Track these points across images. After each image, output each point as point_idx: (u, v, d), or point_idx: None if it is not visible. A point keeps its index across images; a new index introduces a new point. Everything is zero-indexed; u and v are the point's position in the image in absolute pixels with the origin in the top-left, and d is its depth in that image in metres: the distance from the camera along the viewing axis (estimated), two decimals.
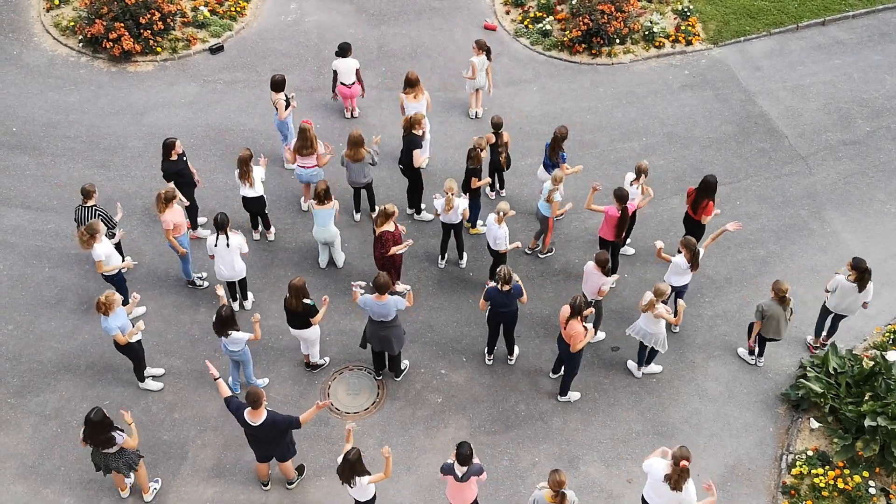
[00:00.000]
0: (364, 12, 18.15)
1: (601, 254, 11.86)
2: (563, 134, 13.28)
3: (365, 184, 13.77)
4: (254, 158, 13.31)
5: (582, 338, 11.20)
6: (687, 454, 9.55)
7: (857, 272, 11.73)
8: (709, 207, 12.67)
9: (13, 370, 12.51)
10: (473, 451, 9.88)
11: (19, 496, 11.25)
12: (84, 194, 12.65)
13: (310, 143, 13.37)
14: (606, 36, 17.12)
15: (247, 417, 10.29)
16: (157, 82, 16.76)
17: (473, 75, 15.22)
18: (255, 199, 13.27)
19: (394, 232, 12.39)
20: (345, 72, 15.12)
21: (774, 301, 11.59)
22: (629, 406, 12.18)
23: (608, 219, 12.63)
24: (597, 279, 11.92)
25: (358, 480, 9.88)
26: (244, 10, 18.11)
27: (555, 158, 13.42)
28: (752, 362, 12.57)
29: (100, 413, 10.09)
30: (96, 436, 10.20)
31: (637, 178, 12.98)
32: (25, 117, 16.08)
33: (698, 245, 12.00)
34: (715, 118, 16.08)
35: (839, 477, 11.11)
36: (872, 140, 15.68)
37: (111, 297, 11.12)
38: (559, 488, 9.51)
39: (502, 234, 12.57)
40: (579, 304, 11.04)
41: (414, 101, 14.35)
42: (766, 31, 17.63)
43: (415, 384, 12.43)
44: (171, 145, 13.04)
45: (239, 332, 11.26)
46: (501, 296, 11.60)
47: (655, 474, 9.83)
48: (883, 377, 11.64)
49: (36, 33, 17.70)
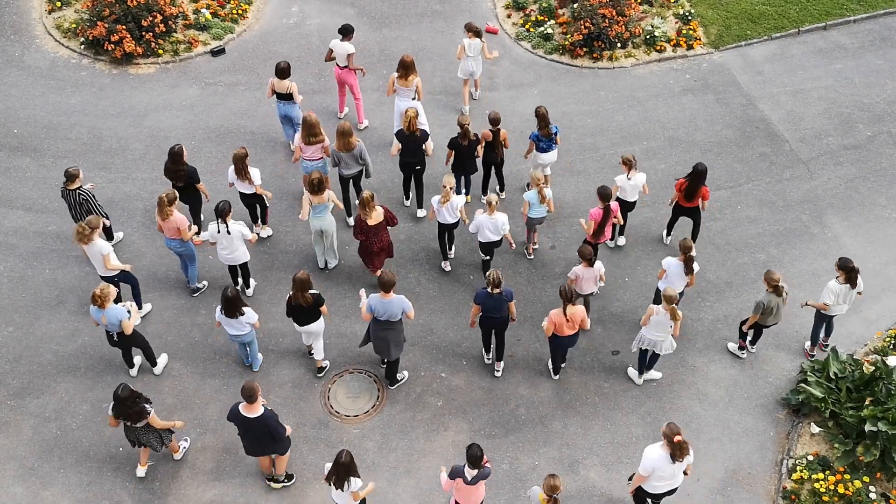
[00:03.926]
0: (366, 15, 18.16)
1: (583, 248, 12.00)
2: (542, 111, 13.46)
3: (356, 173, 13.68)
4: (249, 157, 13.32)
5: (585, 314, 11.48)
6: (676, 429, 9.69)
7: (846, 272, 11.74)
8: (706, 192, 12.97)
9: (13, 372, 12.50)
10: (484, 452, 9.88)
11: (19, 498, 11.24)
12: (68, 177, 12.72)
13: (318, 131, 13.40)
14: (608, 40, 17.13)
15: (241, 411, 10.37)
16: (158, 84, 16.77)
17: (459, 55, 15.31)
18: (253, 194, 13.34)
19: (385, 212, 12.55)
20: (340, 54, 15.09)
21: (771, 293, 11.64)
22: (629, 410, 12.17)
23: (595, 223, 12.68)
24: (589, 273, 12.04)
25: (352, 482, 9.84)
26: (246, 12, 18.12)
27: (547, 134, 13.53)
28: (743, 356, 12.61)
29: (127, 388, 10.38)
30: (127, 410, 10.46)
31: (629, 170, 13.14)
32: (27, 119, 16.09)
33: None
34: (716, 122, 16.08)
35: (840, 482, 11.09)
36: (873, 145, 15.67)
37: (106, 289, 11.25)
38: (553, 493, 9.55)
39: (502, 218, 12.67)
40: (568, 290, 11.28)
41: (404, 84, 14.37)
42: (768, 36, 17.63)
43: (415, 387, 12.42)
44: (181, 152, 13.01)
45: (250, 310, 11.50)
46: (492, 300, 11.56)
47: (660, 463, 9.87)
48: (884, 382, 11.63)
49: (38, 35, 17.72)
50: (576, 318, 11.44)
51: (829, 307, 11.95)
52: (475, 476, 9.88)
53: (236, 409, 10.46)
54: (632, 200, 13.48)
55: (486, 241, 12.91)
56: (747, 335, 12.45)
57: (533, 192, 12.94)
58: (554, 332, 11.61)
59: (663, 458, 9.83)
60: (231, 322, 11.50)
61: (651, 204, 14.59)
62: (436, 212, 12.96)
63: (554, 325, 11.50)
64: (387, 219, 12.66)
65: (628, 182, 13.20)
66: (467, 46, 15.27)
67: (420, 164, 13.86)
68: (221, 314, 11.49)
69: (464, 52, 15.29)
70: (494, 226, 12.70)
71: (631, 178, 13.18)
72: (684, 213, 13.39)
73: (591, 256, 11.96)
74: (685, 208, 13.27)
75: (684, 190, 13.00)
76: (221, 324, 11.61)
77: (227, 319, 11.49)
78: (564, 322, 11.43)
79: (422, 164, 13.86)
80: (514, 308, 11.83)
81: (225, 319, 11.50)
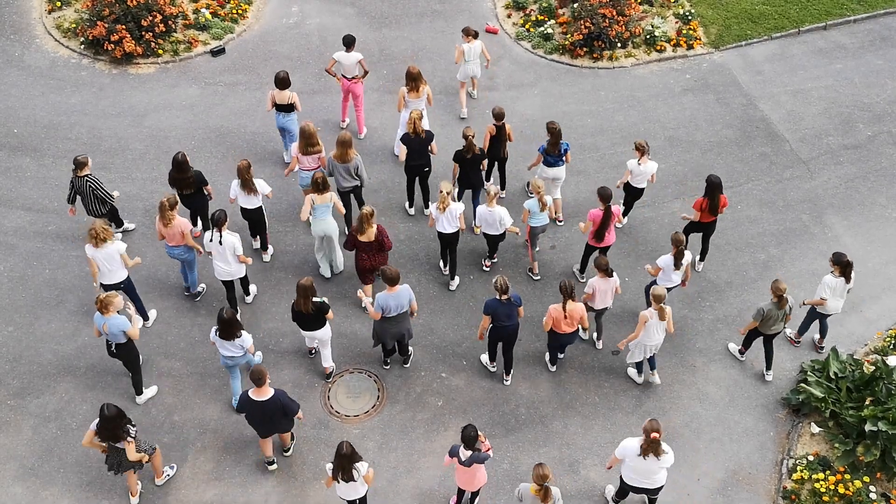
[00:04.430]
0: (366, 15, 18.16)
1: (600, 259, 11.86)
2: (557, 128, 13.31)
3: (352, 187, 13.47)
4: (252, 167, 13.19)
5: (584, 312, 11.51)
6: (657, 426, 9.78)
7: (841, 266, 11.77)
8: (725, 200, 12.85)
9: (13, 371, 12.50)
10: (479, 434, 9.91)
11: (19, 498, 11.24)
12: (77, 164, 12.71)
13: (315, 141, 13.31)
14: (608, 40, 17.13)
15: (252, 396, 10.43)
16: (158, 84, 16.76)
17: (457, 59, 15.25)
18: (255, 209, 13.13)
19: (379, 233, 12.30)
20: (348, 66, 14.98)
21: (774, 303, 11.60)
22: (629, 410, 12.17)
23: (595, 224, 12.61)
24: (606, 285, 11.92)
25: (360, 467, 9.84)
26: (246, 12, 18.11)
27: (556, 151, 13.40)
28: (742, 359, 12.60)
29: (113, 407, 10.12)
30: (113, 430, 10.17)
31: (642, 155, 13.10)
32: (27, 119, 16.09)
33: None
34: (716, 122, 16.08)
35: (840, 482, 11.09)
36: (873, 144, 15.67)
37: (112, 296, 11.15)
38: (542, 482, 9.56)
39: (500, 212, 12.61)
40: (568, 286, 11.26)
41: (415, 96, 14.31)
42: (768, 36, 17.63)
43: (415, 387, 12.42)
44: (185, 160, 12.88)
45: (246, 334, 11.29)
46: (503, 307, 11.48)
47: (630, 452, 10.02)
48: (884, 382, 11.63)
49: (38, 35, 17.71)
50: (575, 314, 11.42)
51: (825, 302, 11.95)
52: (469, 458, 9.89)
53: (246, 396, 10.52)
54: (640, 187, 13.46)
55: (486, 232, 12.89)
56: (751, 343, 12.33)
57: (533, 201, 12.80)
58: (552, 327, 11.59)
59: (635, 450, 9.97)
60: (225, 344, 11.24)
61: (651, 204, 14.59)
62: (434, 219, 12.80)
63: (553, 320, 11.49)
64: (379, 241, 12.29)
65: (639, 167, 13.16)
66: (466, 51, 15.18)
67: (427, 166, 13.81)
68: (216, 336, 11.20)
69: (462, 56, 15.23)
70: (493, 218, 12.64)
71: (642, 165, 13.14)
72: (698, 229, 13.18)
73: (608, 267, 11.81)
74: (702, 224, 13.02)
75: (707, 207, 12.77)
76: (216, 344, 11.35)
77: (221, 341, 11.23)
78: (563, 318, 11.42)
79: (428, 165, 13.82)
80: (522, 313, 11.77)
81: (219, 341, 11.25)
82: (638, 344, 11.73)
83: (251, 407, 10.60)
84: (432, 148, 13.69)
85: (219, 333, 11.15)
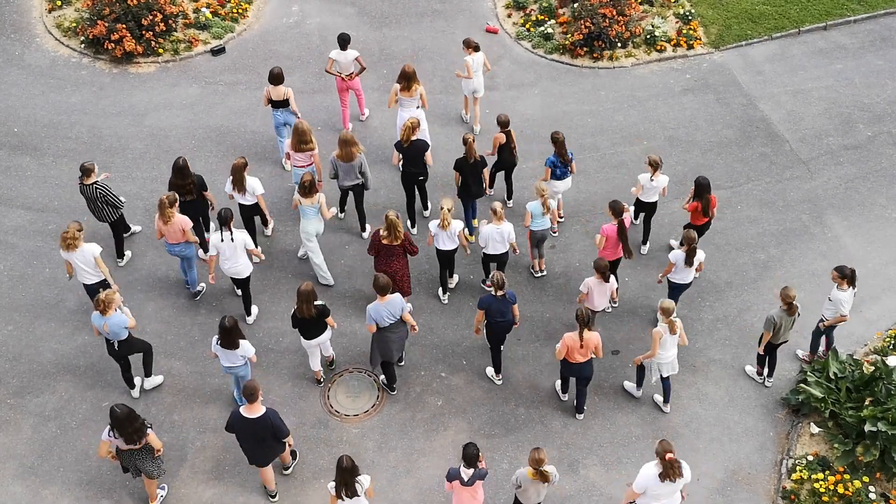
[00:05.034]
0: (366, 14, 18.16)
1: (599, 261, 11.79)
2: (561, 138, 13.21)
3: (353, 185, 13.46)
4: (248, 168, 13.20)
5: (600, 342, 11.18)
6: (669, 447, 9.56)
7: (849, 278, 11.60)
8: (714, 200, 12.83)
9: (13, 370, 12.51)
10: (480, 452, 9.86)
11: (18, 497, 11.24)
12: (83, 172, 12.68)
13: (308, 139, 13.29)
14: (608, 39, 17.13)
15: (243, 413, 10.23)
16: (158, 84, 16.77)
17: (469, 74, 14.97)
18: (252, 205, 13.16)
19: (405, 235, 12.12)
20: (345, 64, 14.94)
21: (784, 310, 11.50)
22: (629, 410, 12.17)
23: (609, 239, 12.42)
24: (602, 288, 11.87)
25: (362, 481, 9.76)
26: (246, 11, 18.12)
27: (565, 160, 13.32)
28: (761, 381, 12.41)
29: (125, 407, 10.02)
30: (128, 429, 10.07)
31: (654, 171, 13.02)
32: (27, 118, 16.09)
33: None
34: (716, 122, 16.08)
35: (839, 482, 11.09)
36: (874, 145, 15.67)
37: (111, 294, 11.16)
38: (538, 466, 9.56)
39: (508, 228, 12.44)
40: (584, 315, 10.93)
41: (407, 95, 14.26)
42: (768, 36, 17.63)
43: (414, 387, 12.42)
44: (186, 165, 12.83)
45: (247, 343, 11.18)
46: (497, 303, 11.47)
47: (651, 482, 9.72)
48: (883, 382, 11.63)
49: (38, 34, 17.72)
50: (590, 343, 11.08)
51: (847, 317, 11.84)
52: (472, 476, 9.85)
53: (237, 413, 10.29)
54: (651, 201, 13.40)
55: (494, 252, 12.61)
56: (765, 359, 12.18)
57: (536, 203, 12.73)
58: (566, 356, 11.26)
59: (655, 477, 9.67)
60: (226, 353, 11.13)
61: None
62: (434, 237, 12.61)
63: (566, 349, 11.14)
64: (405, 247, 12.17)
65: (651, 183, 13.11)
66: (472, 63, 14.89)
67: (422, 175, 13.72)
68: (217, 345, 11.07)
69: (470, 70, 14.91)
70: (501, 235, 12.45)
71: (654, 180, 13.09)
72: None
73: (607, 270, 11.73)
74: (697, 227, 12.89)
75: (700, 210, 12.76)
76: (217, 354, 11.20)
77: (223, 351, 11.11)
78: (577, 347, 11.06)
79: (424, 174, 13.72)
80: (517, 310, 11.77)
81: (220, 350, 11.12)
82: (657, 364, 11.55)
83: (242, 425, 10.30)
84: (427, 158, 13.52)
85: (220, 342, 11.04)
